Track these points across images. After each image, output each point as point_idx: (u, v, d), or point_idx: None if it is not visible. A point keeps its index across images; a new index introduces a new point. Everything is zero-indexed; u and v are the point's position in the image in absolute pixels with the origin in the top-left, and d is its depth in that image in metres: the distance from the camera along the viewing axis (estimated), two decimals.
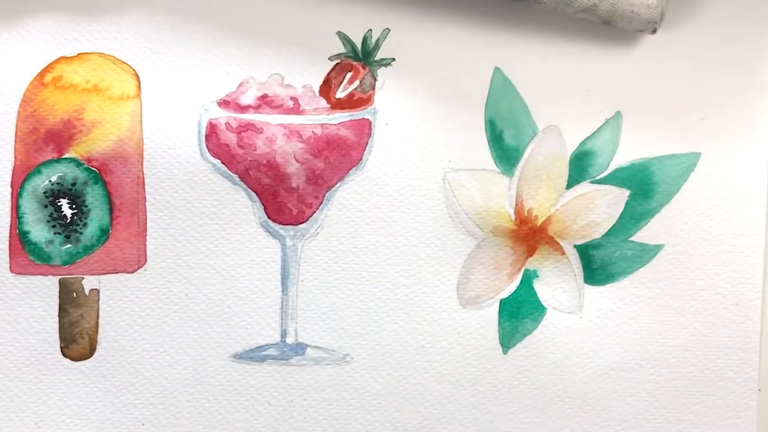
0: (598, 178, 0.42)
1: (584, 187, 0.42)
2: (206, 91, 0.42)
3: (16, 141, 0.42)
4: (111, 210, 0.42)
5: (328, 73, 0.42)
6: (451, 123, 0.42)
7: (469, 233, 0.42)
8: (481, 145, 0.42)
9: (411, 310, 0.42)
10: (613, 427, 0.42)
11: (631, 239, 0.41)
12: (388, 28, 0.42)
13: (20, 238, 0.42)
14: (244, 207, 0.42)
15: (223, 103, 0.42)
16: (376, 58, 0.42)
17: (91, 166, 0.42)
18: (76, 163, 0.42)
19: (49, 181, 0.42)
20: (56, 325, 0.42)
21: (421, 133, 0.42)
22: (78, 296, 0.42)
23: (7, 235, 0.42)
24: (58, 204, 0.42)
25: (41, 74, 0.42)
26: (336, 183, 0.42)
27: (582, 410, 0.42)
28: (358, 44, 0.42)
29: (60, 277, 0.42)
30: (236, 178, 0.42)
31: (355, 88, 0.42)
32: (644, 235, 0.41)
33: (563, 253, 0.42)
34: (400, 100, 0.42)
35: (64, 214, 0.42)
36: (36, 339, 0.42)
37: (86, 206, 0.42)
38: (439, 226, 0.42)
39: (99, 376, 0.42)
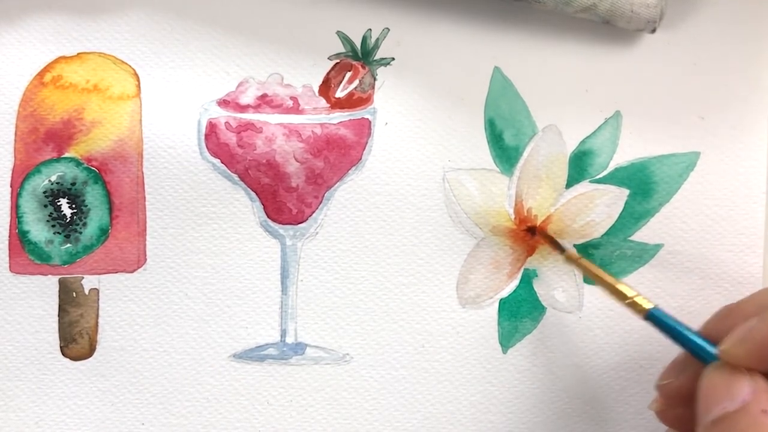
0: (597, 177, 0.41)
1: (584, 187, 0.41)
2: (206, 91, 0.42)
3: (15, 141, 0.42)
4: (111, 210, 0.42)
5: (328, 73, 0.42)
6: (451, 123, 0.42)
7: (468, 233, 0.42)
8: (480, 144, 0.42)
9: (410, 309, 0.42)
10: (613, 427, 0.42)
11: (630, 239, 0.41)
12: (387, 28, 0.42)
13: (20, 237, 0.42)
14: (244, 206, 0.42)
15: (223, 103, 0.42)
16: (375, 58, 0.42)
17: (91, 165, 0.42)
18: (76, 162, 0.42)
19: (49, 180, 0.42)
20: (56, 325, 0.42)
21: (421, 132, 0.42)
22: (78, 296, 0.42)
23: (7, 234, 0.42)
24: (58, 204, 0.42)
25: (41, 74, 0.42)
26: (335, 182, 0.42)
27: (582, 410, 0.42)
28: (358, 44, 0.42)
29: (60, 276, 0.42)
30: (236, 177, 0.42)
31: (355, 88, 0.42)
32: (644, 234, 0.41)
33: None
34: (400, 100, 0.42)
35: (64, 214, 0.42)
36: (36, 339, 0.42)
37: (86, 206, 0.42)
38: (438, 226, 0.42)
39: (99, 376, 0.42)
